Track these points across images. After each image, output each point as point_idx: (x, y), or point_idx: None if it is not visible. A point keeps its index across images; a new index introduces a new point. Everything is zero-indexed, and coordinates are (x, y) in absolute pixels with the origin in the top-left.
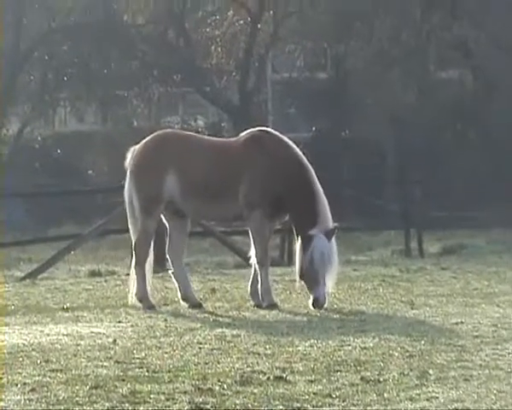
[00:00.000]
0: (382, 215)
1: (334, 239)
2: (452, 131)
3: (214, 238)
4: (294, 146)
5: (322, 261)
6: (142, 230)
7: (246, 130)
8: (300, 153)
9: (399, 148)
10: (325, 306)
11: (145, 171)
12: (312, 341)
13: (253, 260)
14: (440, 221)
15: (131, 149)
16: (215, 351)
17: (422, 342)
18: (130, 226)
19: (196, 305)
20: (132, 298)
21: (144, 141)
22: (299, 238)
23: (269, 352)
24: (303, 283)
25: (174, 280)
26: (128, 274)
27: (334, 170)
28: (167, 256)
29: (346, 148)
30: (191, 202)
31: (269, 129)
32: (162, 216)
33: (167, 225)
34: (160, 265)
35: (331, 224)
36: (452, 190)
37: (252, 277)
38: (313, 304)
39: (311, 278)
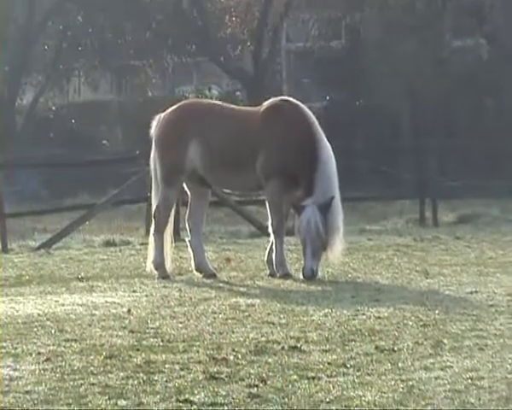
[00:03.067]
0: (397, 185)
1: (335, 212)
2: (468, 101)
3: (229, 208)
4: (312, 116)
5: (309, 233)
6: (162, 198)
7: (264, 99)
8: (316, 123)
9: (414, 117)
10: (317, 276)
11: (169, 140)
12: (327, 310)
13: (270, 230)
14: (455, 191)
15: (157, 116)
16: (229, 321)
17: (437, 311)
18: (152, 194)
19: (211, 275)
20: (149, 265)
21: (169, 110)
22: (295, 209)
23: (283, 321)
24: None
25: (190, 249)
26: (143, 244)
27: (348, 140)
28: (186, 224)
29: (361, 117)
30: (214, 172)
31: (290, 98)
32: (184, 184)
33: (188, 194)
34: (174, 234)
35: (330, 195)
36: (467, 160)
37: (269, 246)
38: (303, 275)
39: (303, 248)
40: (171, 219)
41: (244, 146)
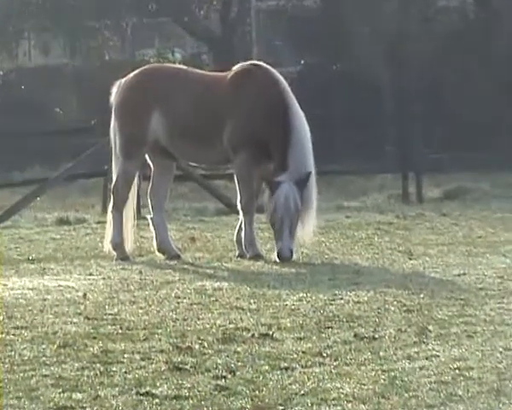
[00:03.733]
0: (378, 157)
1: (310, 187)
2: (454, 64)
3: (194, 182)
4: (284, 82)
5: (287, 210)
6: (122, 171)
7: (232, 64)
8: (289, 90)
9: (397, 82)
10: (293, 258)
11: (129, 108)
12: (301, 294)
13: (239, 207)
14: (441, 164)
15: (117, 82)
16: (195, 306)
17: (421, 295)
18: (112, 167)
19: (174, 256)
20: (107, 245)
21: (130, 75)
22: (267, 185)
23: (254, 307)
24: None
25: (152, 228)
26: (100, 222)
27: (324, 108)
28: (148, 200)
29: (338, 83)
30: (178, 144)
31: (260, 63)
32: (147, 156)
33: (151, 167)
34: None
35: (305, 170)
36: (454, 129)
37: (238, 224)
38: (277, 257)
39: (276, 227)
40: (132, 194)
41: (211, 115)
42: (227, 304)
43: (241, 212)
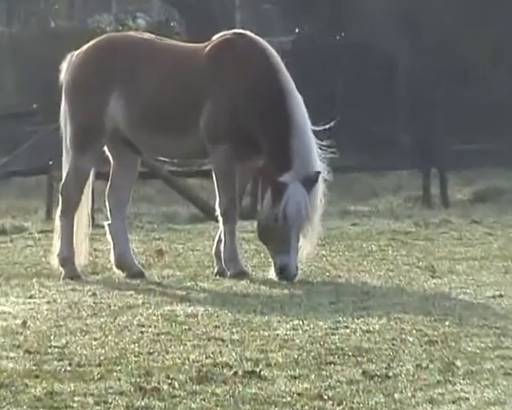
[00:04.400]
0: (392, 150)
1: (316, 189)
2: (482, 40)
3: (162, 181)
4: (276, 56)
5: (300, 218)
6: (73, 167)
7: (209, 33)
8: (282, 66)
9: (414, 58)
10: (296, 278)
11: (82, 89)
12: (296, 322)
13: (218, 212)
14: (470, 158)
15: (68, 56)
16: (163, 336)
17: (447, 322)
18: (62, 162)
19: (137, 273)
20: (53, 261)
21: (84, 48)
22: (268, 186)
23: (236, 337)
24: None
25: (109, 238)
26: (43, 232)
27: (324, 87)
28: (106, 203)
29: (341, 58)
30: (143, 134)
31: (246, 32)
32: (105, 149)
33: (111, 162)
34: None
35: (312, 168)
36: (485, 117)
37: (218, 234)
38: (280, 274)
39: (280, 238)
40: (85, 196)
41: (184, 97)
42: (203, 334)
43: (220, 218)
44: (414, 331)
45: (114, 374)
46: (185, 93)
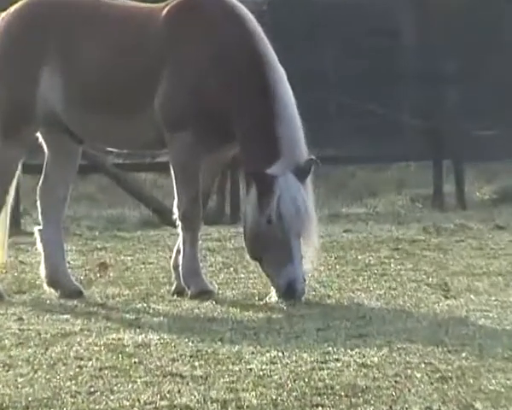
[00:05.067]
0: (394, 136)
1: (309, 182)
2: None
3: (106, 177)
4: (252, 20)
5: (298, 217)
6: None
7: None
8: (260, 32)
9: (422, 19)
10: (304, 296)
11: (6, 63)
12: (274, 353)
13: (176, 216)
14: (492, 147)
15: None
16: (107, 372)
17: (463, 354)
18: None
19: (74, 292)
20: None
21: (9, 11)
22: (252, 182)
23: (199, 373)
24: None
25: (40, 247)
26: None
27: (309, 57)
28: (38, 203)
29: (333, 19)
30: (83, 117)
31: None
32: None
33: (45, 152)
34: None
35: (305, 155)
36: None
37: (177, 244)
38: (287, 292)
39: (279, 246)
40: (10, 195)
41: (135, 70)
42: (157, 369)
43: (179, 223)
44: (422, 365)
45: None
46: (136, 65)
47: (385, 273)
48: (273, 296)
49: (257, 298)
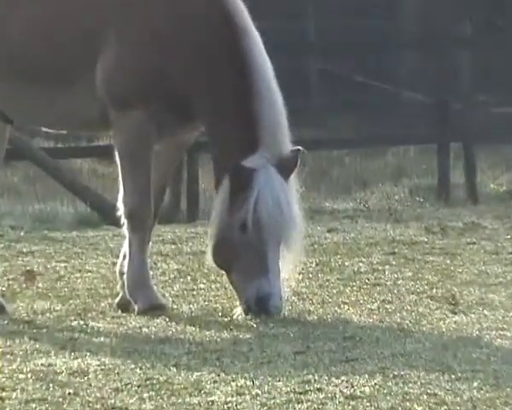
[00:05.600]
0: (391, 113)
1: (293, 177)
2: None
3: (31, 164)
4: None
5: (281, 223)
6: None
7: None
8: None
9: None
10: (282, 312)
11: None
12: (241, 382)
13: (121, 212)
14: (510, 127)
15: None
16: (34, 405)
17: (475, 383)
18: None
19: None
20: None
21: None
22: (223, 175)
23: (149, 407)
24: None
25: None
26: None
27: (292, 21)
28: None
29: None
30: (11, 90)
31: None
32: None
33: None
34: None
35: (288, 144)
36: None
37: (123, 248)
38: (253, 310)
39: (252, 257)
40: None
41: (71, 33)
42: (97, 401)
43: (124, 223)
44: (425, 397)
45: None
46: (74, 26)
47: (378, 283)
48: (240, 312)
49: (220, 314)
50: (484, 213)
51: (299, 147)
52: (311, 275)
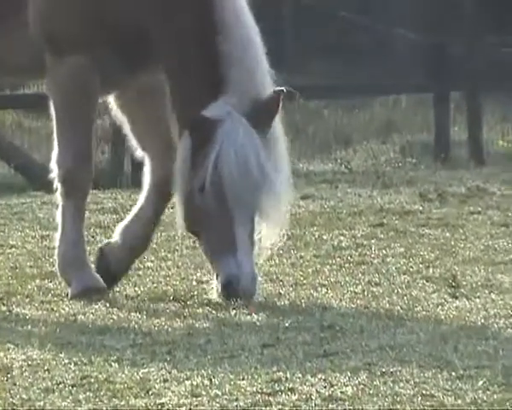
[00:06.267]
0: (379, 56)
1: (276, 131)
2: None
3: None
4: None
5: (247, 184)
6: None
7: None
8: None
9: None
10: (256, 296)
11: None
12: (197, 381)
13: (53, 176)
14: None
15: None
16: None
17: (480, 382)
18: None
19: None
20: None
21: None
22: (184, 128)
23: (85, 409)
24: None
25: None
26: None
27: None
28: None
29: None
30: None
31: None
32: None
33: None
34: None
35: (267, 87)
36: None
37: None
38: (224, 291)
39: (215, 227)
40: None
41: None
42: (24, 403)
43: (58, 187)
44: (419, 399)
45: None
46: None
47: (363, 261)
48: (215, 292)
49: (172, 298)
50: (491, 177)
51: (283, 88)
52: (281, 251)
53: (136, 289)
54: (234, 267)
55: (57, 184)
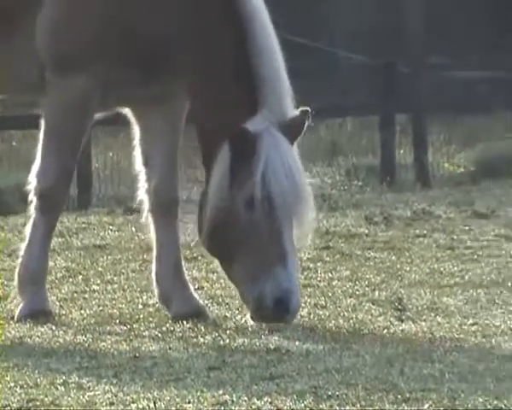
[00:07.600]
0: (324, 77)
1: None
2: None
3: None
4: None
5: (294, 195)
6: None
7: None
8: None
9: None
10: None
11: None
12: (143, 404)
13: (30, 188)
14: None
15: None
16: None
17: (426, 405)
18: None
19: None
20: None
21: None
22: (220, 143)
23: None
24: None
25: None
26: None
27: None
28: None
29: None
30: None
31: None
32: None
33: None
34: None
35: (291, 105)
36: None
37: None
38: (274, 313)
39: (262, 241)
40: None
41: None
42: None
43: (33, 200)
44: None
45: None
46: None
47: (309, 284)
48: (247, 316)
49: (118, 321)
50: (436, 200)
51: (307, 108)
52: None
53: (82, 312)
54: (285, 281)
55: (33, 198)
